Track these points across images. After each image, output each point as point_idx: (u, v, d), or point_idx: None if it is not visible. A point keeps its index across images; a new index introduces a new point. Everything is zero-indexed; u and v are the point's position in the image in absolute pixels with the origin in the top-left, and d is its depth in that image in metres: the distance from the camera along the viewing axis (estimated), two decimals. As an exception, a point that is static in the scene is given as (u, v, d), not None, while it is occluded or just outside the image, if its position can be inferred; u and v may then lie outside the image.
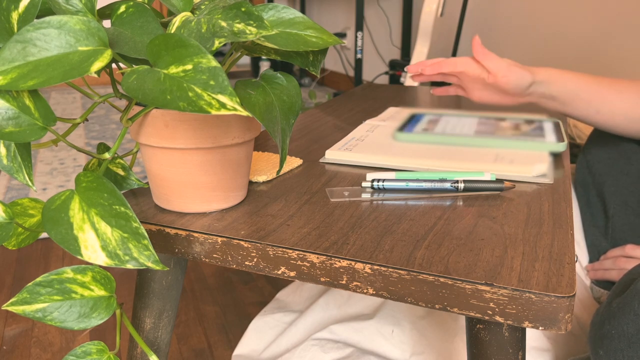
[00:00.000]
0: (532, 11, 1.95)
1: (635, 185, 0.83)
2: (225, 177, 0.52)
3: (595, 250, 0.87)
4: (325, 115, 0.96)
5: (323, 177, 0.63)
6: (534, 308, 0.40)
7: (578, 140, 1.20)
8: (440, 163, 0.66)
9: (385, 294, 0.44)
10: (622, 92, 0.75)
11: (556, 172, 0.65)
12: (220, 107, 0.37)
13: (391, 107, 1.02)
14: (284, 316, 0.89)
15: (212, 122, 0.48)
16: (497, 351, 0.45)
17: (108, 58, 0.40)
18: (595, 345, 0.57)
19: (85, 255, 0.40)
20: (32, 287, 0.42)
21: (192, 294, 1.16)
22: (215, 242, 0.49)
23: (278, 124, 0.48)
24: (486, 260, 0.44)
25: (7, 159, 0.43)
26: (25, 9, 0.42)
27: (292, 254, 0.46)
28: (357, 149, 0.71)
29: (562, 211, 0.54)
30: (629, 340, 0.53)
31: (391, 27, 2.84)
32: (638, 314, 0.53)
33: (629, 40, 1.59)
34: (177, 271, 0.60)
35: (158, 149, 0.50)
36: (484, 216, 0.52)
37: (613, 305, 0.56)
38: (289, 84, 0.51)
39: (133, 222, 0.41)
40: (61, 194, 0.42)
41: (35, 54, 0.39)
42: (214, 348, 0.98)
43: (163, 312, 0.61)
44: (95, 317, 0.44)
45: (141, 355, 0.63)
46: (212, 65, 0.38)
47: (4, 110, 0.41)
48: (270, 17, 0.51)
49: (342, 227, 0.50)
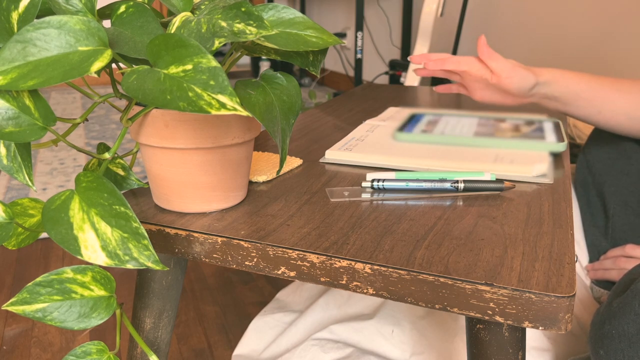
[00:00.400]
0: (532, 11, 1.95)
1: (635, 185, 0.83)
2: (225, 177, 0.52)
3: (595, 250, 0.87)
4: (325, 115, 0.96)
5: (323, 177, 0.63)
6: (534, 308, 0.40)
7: (578, 140, 1.20)
8: (440, 163, 0.66)
9: (385, 294, 0.44)
10: (624, 91, 0.75)
11: (556, 172, 0.65)
12: (220, 107, 0.37)
13: (391, 107, 1.02)
14: (284, 316, 0.89)
15: (212, 122, 0.48)
16: (497, 351, 0.45)
17: (108, 58, 0.40)
18: (596, 345, 0.57)
19: (85, 255, 0.40)
20: (32, 287, 0.42)
21: (192, 294, 1.16)
22: (215, 242, 0.49)
23: (278, 124, 0.48)
24: (486, 260, 0.44)
25: (7, 159, 0.43)
26: (25, 9, 0.42)
27: (292, 254, 0.46)
28: (357, 149, 0.71)
29: (562, 211, 0.54)
30: (629, 340, 0.53)
31: (391, 27, 2.84)
32: (638, 314, 0.53)
33: (629, 40, 1.59)
34: (177, 271, 0.60)
35: (158, 149, 0.50)
36: (484, 216, 0.52)
37: (613, 305, 0.56)
38: (289, 84, 0.51)
39: (133, 222, 0.41)
40: (61, 194, 0.42)
41: (35, 54, 0.39)
42: (214, 348, 0.98)
43: (163, 312, 0.61)
44: (95, 317, 0.44)
45: (141, 355, 0.63)
46: (212, 65, 0.38)
47: (4, 110, 0.41)
48: (270, 17, 0.51)
49: (342, 227, 0.50)
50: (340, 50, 3.31)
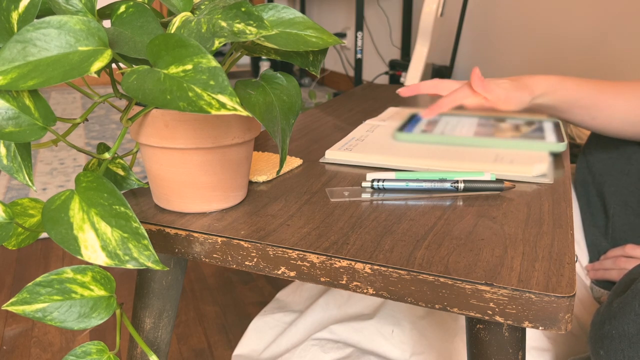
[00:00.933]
0: (532, 11, 1.95)
1: (636, 185, 0.83)
2: (225, 177, 0.52)
3: (596, 250, 0.87)
4: (325, 115, 0.96)
5: (323, 177, 0.63)
6: (534, 308, 0.40)
7: (578, 140, 1.20)
8: (440, 163, 0.66)
9: (385, 294, 0.44)
10: (620, 94, 0.75)
11: (556, 172, 0.65)
12: (220, 107, 0.37)
13: (391, 107, 1.02)
14: (284, 316, 0.89)
15: (212, 122, 0.48)
16: (497, 351, 0.45)
17: (108, 58, 0.40)
18: (596, 345, 0.57)
19: (85, 255, 0.40)
20: (32, 287, 0.42)
21: (192, 294, 1.16)
22: (215, 242, 0.49)
23: (278, 124, 0.48)
24: (486, 260, 0.44)
25: (7, 159, 0.43)
26: (25, 9, 0.42)
27: (292, 254, 0.46)
28: (357, 149, 0.71)
29: (562, 211, 0.54)
30: (629, 340, 0.53)
31: (391, 27, 2.84)
32: (639, 314, 0.53)
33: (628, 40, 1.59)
34: (177, 271, 0.60)
35: (158, 149, 0.50)
36: (484, 216, 0.52)
37: (614, 306, 0.56)
38: (289, 84, 0.51)
39: (133, 222, 0.41)
40: (61, 194, 0.42)
41: (35, 54, 0.39)
42: (214, 348, 0.98)
43: (163, 312, 0.61)
44: (95, 317, 0.44)
45: (141, 355, 0.63)
46: (212, 65, 0.38)
47: (4, 110, 0.41)
48: (270, 17, 0.51)
49: (342, 227, 0.50)
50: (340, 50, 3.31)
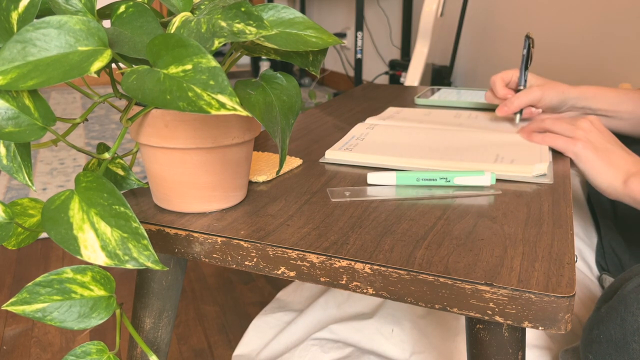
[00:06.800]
0: (531, 11, 1.95)
1: None
2: (225, 177, 0.52)
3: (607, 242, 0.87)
4: (325, 115, 0.96)
5: (323, 177, 0.63)
6: (534, 308, 0.40)
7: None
8: (441, 163, 0.66)
9: (385, 294, 0.44)
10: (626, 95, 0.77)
11: (556, 172, 0.65)
12: (220, 107, 0.37)
13: (391, 107, 1.02)
14: (284, 316, 0.89)
15: (212, 122, 0.48)
16: (497, 351, 0.45)
17: (108, 58, 0.40)
18: (585, 350, 0.58)
19: (84, 255, 0.40)
20: (32, 287, 0.42)
21: (192, 294, 1.16)
22: (215, 242, 0.49)
23: (278, 124, 0.48)
24: (486, 260, 0.44)
25: (7, 159, 0.43)
26: (25, 9, 0.42)
27: (292, 254, 0.46)
28: (357, 149, 0.71)
29: (562, 211, 0.54)
30: (616, 345, 0.54)
31: (391, 27, 2.84)
32: (624, 319, 0.53)
33: (628, 41, 1.59)
34: (177, 271, 0.60)
35: (158, 149, 0.50)
36: (483, 216, 0.52)
37: (601, 311, 0.57)
38: (289, 84, 0.51)
39: (133, 222, 0.41)
40: (61, 194, 0.42)
41: (35, 54, 0.39)
42: (214, 348, 0.98)
43: (163, 312, 0.61)
44: (95, 317, 0.44)
45: (141, 355, 0.63)
46: (212, 65, 0.38)
47: (4, 110, 0.41)
48: (270, 17, 0.51)
49: (342, 227, 0.50)
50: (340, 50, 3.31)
